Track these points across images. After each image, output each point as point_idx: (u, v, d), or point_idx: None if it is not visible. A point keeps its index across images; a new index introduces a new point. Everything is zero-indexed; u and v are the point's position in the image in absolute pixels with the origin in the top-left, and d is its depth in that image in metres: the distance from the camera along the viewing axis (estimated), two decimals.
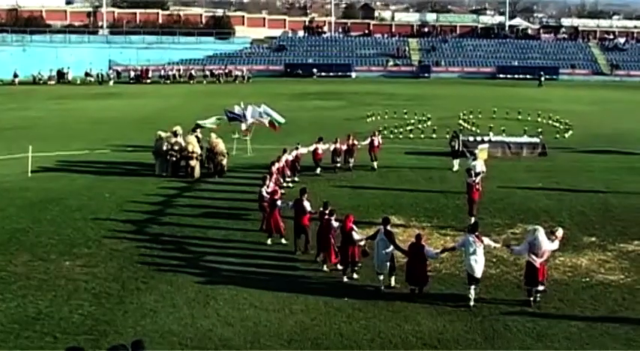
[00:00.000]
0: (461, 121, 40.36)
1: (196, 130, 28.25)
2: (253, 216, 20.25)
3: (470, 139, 30.36)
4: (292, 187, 23.59)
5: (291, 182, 24.62)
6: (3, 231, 19.28)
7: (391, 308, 14.34)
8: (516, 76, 74.58)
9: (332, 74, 75.26)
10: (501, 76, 75.08)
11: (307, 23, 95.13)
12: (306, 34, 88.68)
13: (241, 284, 15.49)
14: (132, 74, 69.90)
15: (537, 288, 14.49)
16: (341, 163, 27.35)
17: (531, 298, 14.47)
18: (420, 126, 38.91)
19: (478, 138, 31.25)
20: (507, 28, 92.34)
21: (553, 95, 58.27)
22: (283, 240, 18.28)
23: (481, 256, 14.56)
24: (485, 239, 14.93)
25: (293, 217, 17.99)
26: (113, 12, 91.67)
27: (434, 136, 35.49)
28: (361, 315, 14.04)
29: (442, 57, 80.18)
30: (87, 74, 68.99)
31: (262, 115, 29.27)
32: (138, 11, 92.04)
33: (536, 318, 13.95)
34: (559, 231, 15.18)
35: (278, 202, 18.46)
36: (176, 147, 26.56)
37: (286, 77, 73.39)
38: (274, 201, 18.47)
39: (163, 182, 25.40)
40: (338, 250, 16.20)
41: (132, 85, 66.56)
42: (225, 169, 26.61)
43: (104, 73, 69.75)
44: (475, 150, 25.95)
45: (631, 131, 38.10)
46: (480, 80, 72.17)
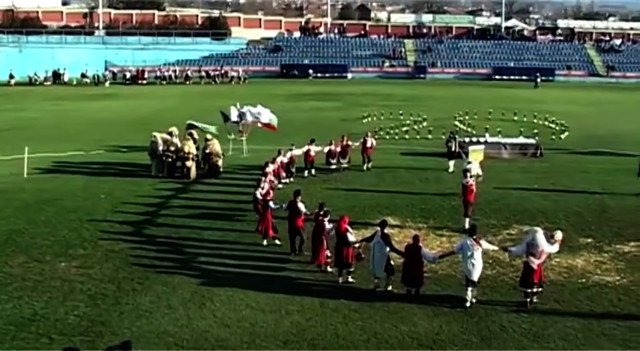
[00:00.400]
0: (457, 122, 40.42)
1: (190, 130, 28.18)
2: (249, 217, 20.21)
3: (466, 141, 30.40)
4: (281, 189, 23.27)
5: (286, 182, 24.58)
6: None
7: (387, 309, 14.34)
8: (512, 78, 74.42)
9: (328, 75, 75.20)
10: (497, 78, 74.95)
11: (303, 24, 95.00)
12: (302, 35, 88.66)
13: (237, 285, 15.48)
14: (128, 75, 69.76)
15: (533, 290, 14.48)
16: (336, 165, 27.36)
17: (527, 299, 14.48)
18: (416, 127, 38.94)
19: (474, 139, 31.32)
20: (503, 30, 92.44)
21: (549, 96, 58.32)
22: (278, 241, 18.26)
23: (479, 260, 14.57)
24: (483, 243, 14.94)
25: (287, 219, 17.96)
26: (109, 13, 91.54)
27: (430, 137, 35.50)
28: (357, 316, 14.04)
29: (438, 58, 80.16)
30: (83, 75, 68.76)
31: (258, 116, 29.33)
32: (134, 12, 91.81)
33: (532, 319, 13.97)
34: (558, 234, 15.16)
35: (270, 204, 18.45)
36: (172, 148, 26.55)
37: (282, 78, 73.29)
38: (267, 202, 18.47)
39: (159, 183, 25.37)
40: (331, 253, 16.15)
41: (128, 86, 66.42)
42: (220, 170, 26.60)
43: (100, 74, 69.64)
44: (466, 150, 25.94)
45: (627, 132, 38.15)
46: (476, 81, 72.23)
